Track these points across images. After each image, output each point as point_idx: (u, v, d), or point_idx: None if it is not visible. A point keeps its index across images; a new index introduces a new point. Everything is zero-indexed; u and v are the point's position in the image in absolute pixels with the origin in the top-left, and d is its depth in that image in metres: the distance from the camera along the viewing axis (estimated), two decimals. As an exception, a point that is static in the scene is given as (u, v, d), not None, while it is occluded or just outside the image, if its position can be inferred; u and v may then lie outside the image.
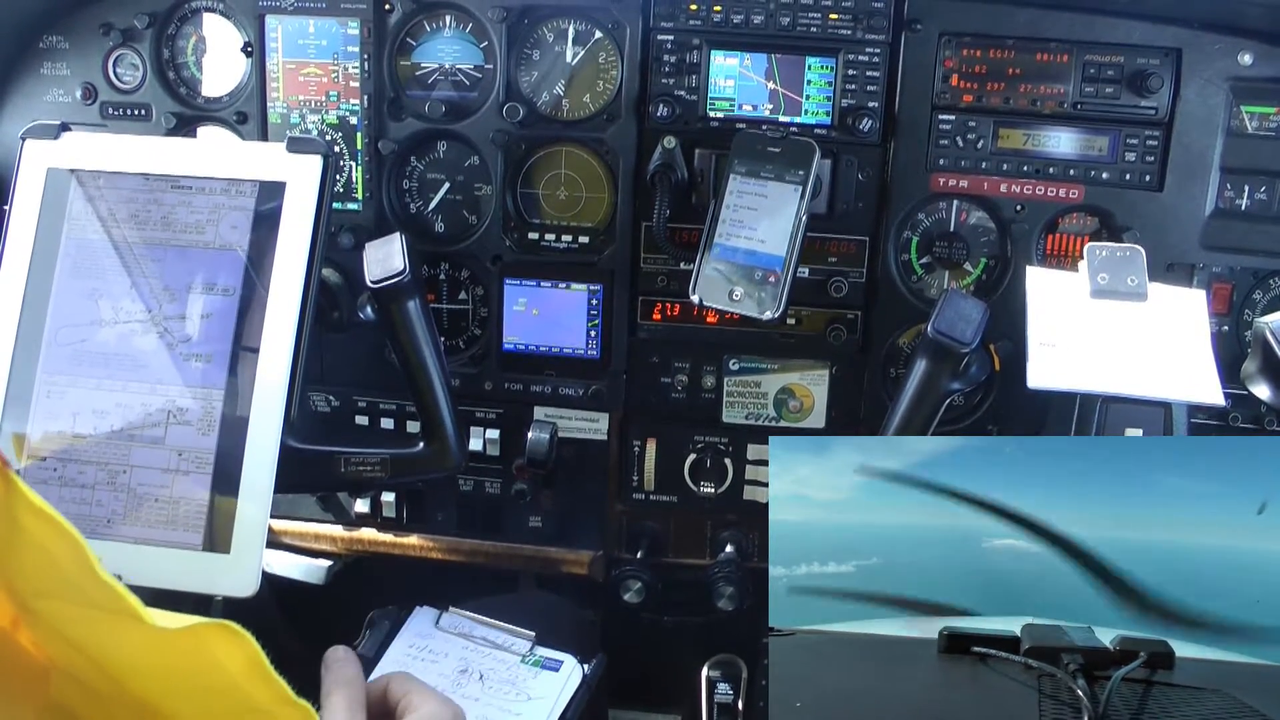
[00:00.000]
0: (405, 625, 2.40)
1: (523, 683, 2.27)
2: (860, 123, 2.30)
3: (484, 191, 2.49)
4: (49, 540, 1.07)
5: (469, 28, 2.44)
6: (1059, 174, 2.31)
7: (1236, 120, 2.27)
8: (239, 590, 1.91)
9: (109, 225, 2.04)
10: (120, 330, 2.00)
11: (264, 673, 1.14)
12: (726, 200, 2.19)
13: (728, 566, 2.46)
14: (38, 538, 1.08)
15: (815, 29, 2.31)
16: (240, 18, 2.47)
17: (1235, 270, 2.33)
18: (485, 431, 2.54)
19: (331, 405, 2.59)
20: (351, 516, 2.60)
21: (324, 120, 2.47)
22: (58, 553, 1.08)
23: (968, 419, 2.43)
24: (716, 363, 2.48)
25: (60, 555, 1.08)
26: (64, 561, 1.08)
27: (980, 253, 2.39)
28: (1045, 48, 2.29)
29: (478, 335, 2.54)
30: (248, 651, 1.13)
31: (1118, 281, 2.02)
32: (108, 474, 1.96)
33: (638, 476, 2.54)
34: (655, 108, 2.35)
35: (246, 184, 2.03)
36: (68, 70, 2.55)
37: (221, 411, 1.95)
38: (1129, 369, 1.91)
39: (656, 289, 2.44)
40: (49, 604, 1.18)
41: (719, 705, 2.72)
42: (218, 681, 1.15)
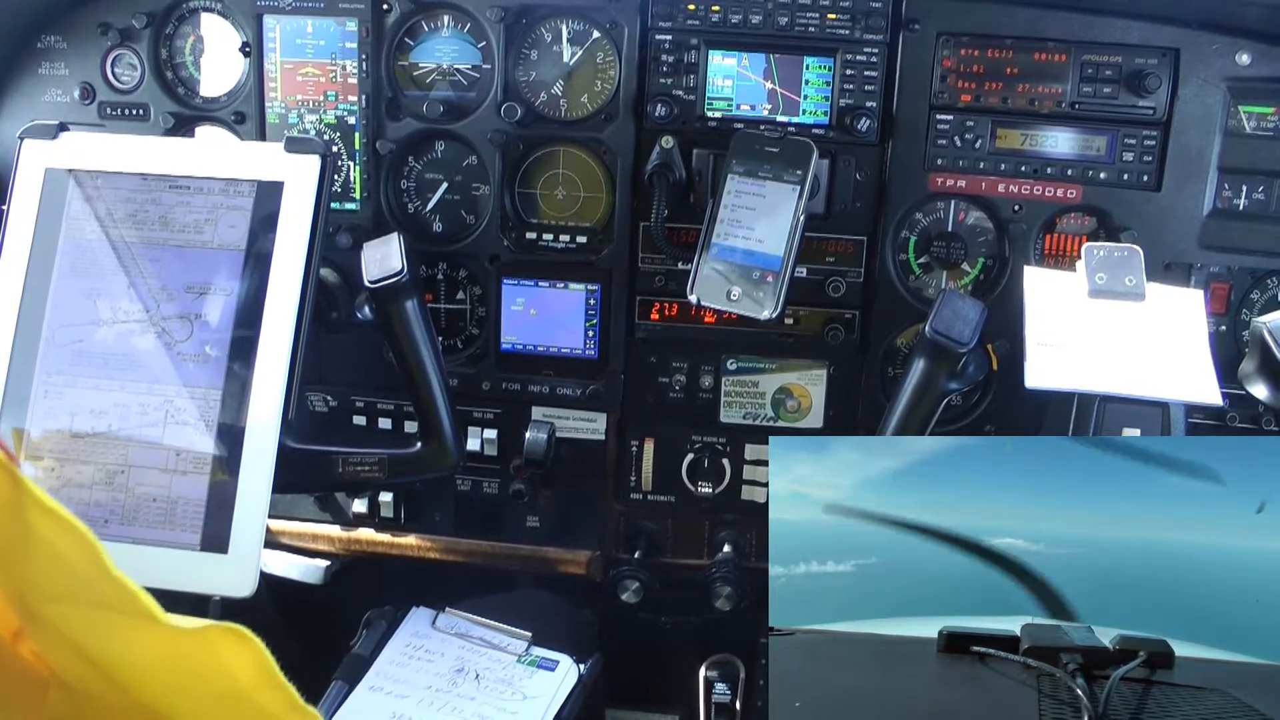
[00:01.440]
0: (402, 625, 2.40)
1: (519, 682, 2.27)
2: (858, 122, 2.30)
3: (482, 191, 2.49)
4: (60, 540, 1.07)
5: (467, 28, 2.44)
6: (1057, 174, 2.31)
7: (1234, 120, 2.27)
8: (237, 590, 1.91)
9: (107, 225, 2.04)
10: (118, 330, 2.00)
11: (273, 679, 1.14)
12: (724, 200, 2.19)
13: (725, 566, 2.46)
14: (48, 538, 1.07)
15: (813, 29, 2.31)
16: (238, 17, 2.46)
17: (1233, 270, 2.33)
18: (483, 431, 2.53)
19: (329, 405, 2.58)
20: (349, 516, 2.59)
21: (322, 120, 2.46)
22: (69, 553, 1.07)
23: (965, 419, 2.43)
24: (714, 362, 2.48)
25: (72, 555, 1.07)
26: (76, 561, 1.07)
27: (978, 252, 2.39)
28: (1043, 47, 2.29)
29: (476, 335, 2.54)
30: (257, 657, 1.13)
31: (1115, 281, 2.02)
32: (106, 474, 1.96)
33: (635, 476, 2.54)
34: (653, 107, 2.35)
35: (244, 184, 2.03)
36: (66, 70, 2.55)
37: (219, 411, 1.96)
38: (1127, 369, 1.91)
39: (654, 289, 2.44)
40: (58, 608, 1.18)
41: (716, 705, 2.72)
42: (226, 687, 1.15)
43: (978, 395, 2.42)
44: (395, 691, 2.23)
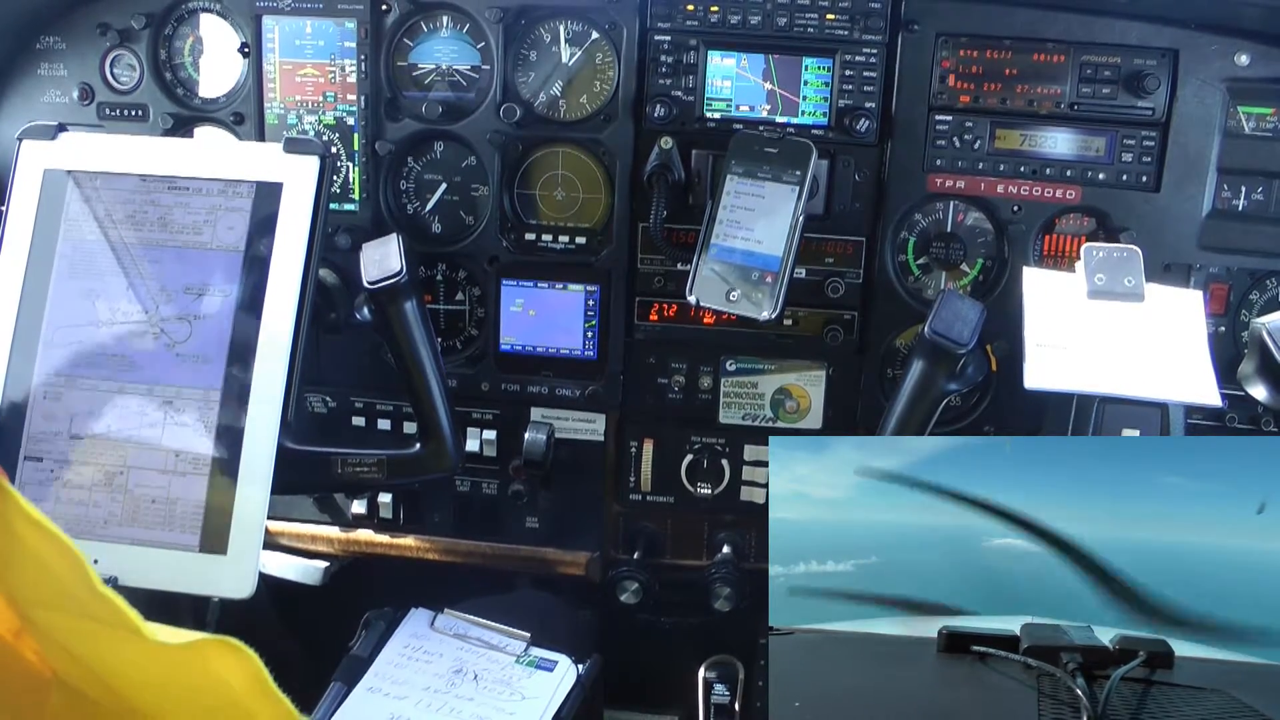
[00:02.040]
0: (401, 626, 2.40)
1: (517, 683, 2.27)
2: (857, 123, 2.30)
3: (481, 192, 2.48)
4: (46, 552, 1.07)
5: (466, 28, 2.44)
6: (1056, 175, 2.31)
7: (1233, 121, 2.27)
8: (236, 591, 1.90)
9: (106, 226, 2.04)
10: (117, 331, 2.00)
11: (267, 690, 1.13)
12: (723, 201, 2.19)
13: (725, 567, 2.46)
14: (35, 549, 1.07)
15: (812, 29, 2.31)
16: (237, 18, 2.46)
17: (1232, 271, 2.34)
18: (482, 432, 2.53)
19: (328, 406, 2.58)
20: (348, 517, 2.59)
21: (321, 121, 2.46)
22: (55, 565, 1.07)
23: (965, 419, 2.43)
24: (713, 363, 2.48)
25: (57, 567, 1.07)
26: (61, 573, 1.07)
27: (977, 253, 2.39)
28: (1042, 48, 2.29)
29: (475, 336, 2.54)
30: (251, 669, 1.12)
31: (1114, 282, 2.03)
32: (105, 475, 1.96)
33: (635, 477, 2.54)
34: (652, 108, 2.35)
35: (243, 185, 2.03)
36: (65, 71, 2.55)
37: (218, 413, 1.95)
38: (1126, 369, 1.91)
39: (653, 290, 2.44)
40: (48, 615, 1.17)
41: (715, 706, 2.72)
42: (220, 698, 1.14)
43: (977, 396, 2.42)
44: (394, 692, 2.23)
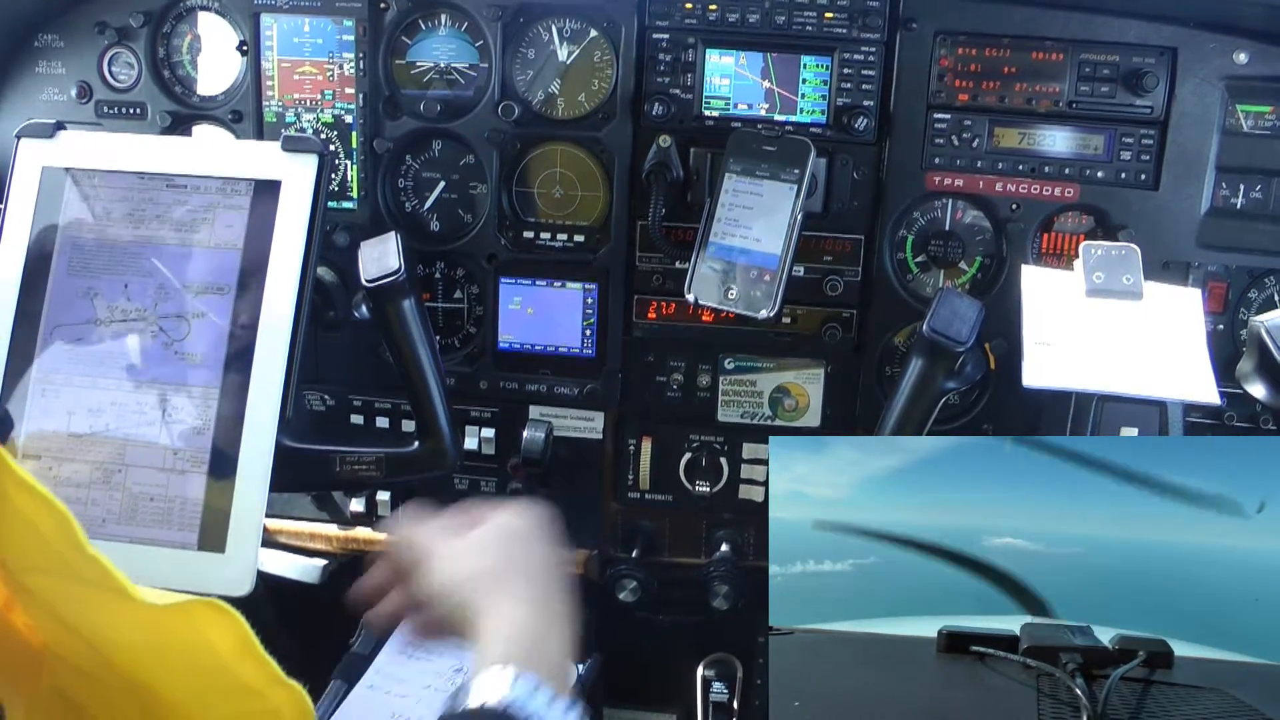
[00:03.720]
0: (401, 624, 2.39)
1: (518, 682, 2.26)
2: (856, 121, 2.30)
3: (479, 190, 2.48)
4: (37, 515, 1.08)
5: (464, 26, 2.43)
6: (1054, 173, 2.31)
7: (1232, 119, 2.27)
8: (234, 589, 1.90)
9: (104, 224, 2.04)
10: (115, 329, 2.00)
11: (254, 652, 1.15)
12: (722, 199, 2.19)
13: (723, 566, 2.46)
14: (26, 512, 1.08)
15: (811, 27, 2.31)
16: (235, 16, 2.46)
17: (1230, 269, 2.34)
18: (480, 430, 2.53)
19: (327, 404, 2.58)
20: (347, 516, 2.59)
21: (319, 119, 2.46)
22: (46, 528, 1.09)
23: (963, 418, 2.43)
24: (712, 361, 2.47)
25: (48, 530, 1.09)
26: (52, 536, 1.09)
27: (975, 251, 2.39)
28: (1041, 46, 2.29)
29: (473, 334, 2.54)
30: (237, 631, 1.14)
31: (1113, 280, 2.03)
32: (103, 473, 1.96)
33: (633, 475, 2.54)
34: (650, 106, 2.34)
35: (242, 183, 2.03)
36: (63, 69, 2.54)
37: (217, 410, 1.96)
38: (1124, 368, 1.91)
39: (652, 288, 2.43)
40: (39, 579, 1.18)
41: (714, 705, 2.72)
42: (208, 661, 1.16)
43: (975, 394, 2.42)
44: (394, 690, 2.23)
